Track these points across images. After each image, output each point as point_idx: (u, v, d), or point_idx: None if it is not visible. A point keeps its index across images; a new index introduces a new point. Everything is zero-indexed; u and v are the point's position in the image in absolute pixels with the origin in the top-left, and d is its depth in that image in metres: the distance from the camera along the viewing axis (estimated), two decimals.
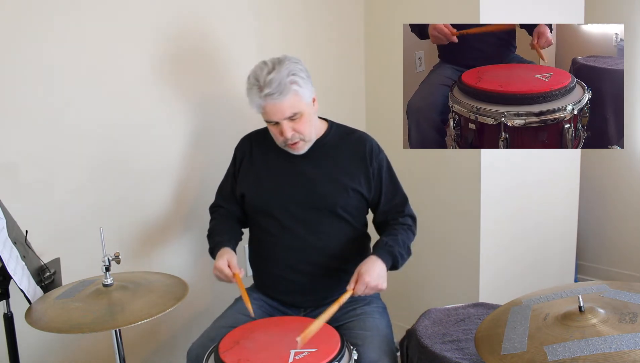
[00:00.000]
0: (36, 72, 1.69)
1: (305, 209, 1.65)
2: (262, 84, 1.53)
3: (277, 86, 1.52)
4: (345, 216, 1.66)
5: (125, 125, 1.89)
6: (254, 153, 1.76)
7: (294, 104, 1.55)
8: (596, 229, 3.16)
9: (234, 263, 1.57)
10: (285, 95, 1.53)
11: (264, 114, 1.60)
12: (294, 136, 1.60)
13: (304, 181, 1.66)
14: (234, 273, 1.54)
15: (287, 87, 1.53)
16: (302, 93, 1.56)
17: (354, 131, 1.76)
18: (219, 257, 1.59)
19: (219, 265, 1.55)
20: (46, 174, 1.74)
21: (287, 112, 1.55)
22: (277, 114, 1.56)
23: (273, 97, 1.52)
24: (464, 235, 2.32)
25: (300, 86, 1.55)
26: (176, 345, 2.09)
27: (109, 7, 1.81)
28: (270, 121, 1.61)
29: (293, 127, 1.59)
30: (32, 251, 1.54)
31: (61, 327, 1.23)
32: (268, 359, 1.29)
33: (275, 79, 1.52)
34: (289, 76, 1.53)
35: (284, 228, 1.66)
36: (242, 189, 1.74)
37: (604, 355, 0.96)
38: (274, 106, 1.54)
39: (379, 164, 1.70)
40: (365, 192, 1.68)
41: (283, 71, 1.53)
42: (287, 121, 1.57)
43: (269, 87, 1.52)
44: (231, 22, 2.12)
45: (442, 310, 1.66)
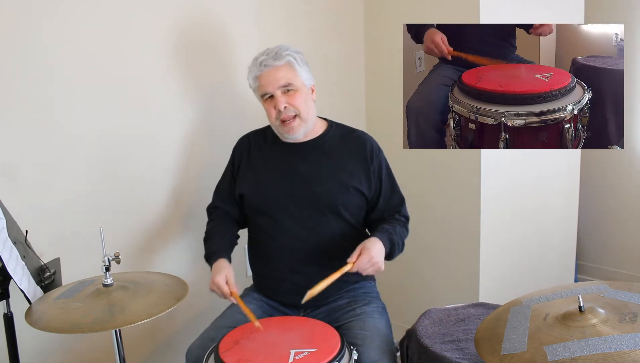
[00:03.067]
0: (36, 72, 1.69)
1: (305, 209, 1.64)
2: (259, 58, 1.62)
3: (273, 54, 1.62)
4: (346, 214, 1.66)
5: (125, 125, 1.89)
6: (253, 153, 1.76)
7: (288, 75, 1.61)
8: (596, 229, 3.16)
9: (232, 281, 1.55)
10: (279, 60, 1.60)
11: (259, 88, 1.64)
12: (288, 109, 1.61)
13: (304, 180, 1.66)
14: (232, 291, 1.53)
15: (282, 56, 1.61)
16: (297, 69, 1.63)
17: (354, 130, 1.76)
18: (217, 272, 1.56)
19: (218, 281, 1.53)
20: (46, 175, 1.74)
21: (281, 80, 1.60)
22: (271, 83, 1.60)
23: (267, 62, 1.60)
24: (464, 235, 2.32)
25: (296, 62, 1.63)
26: (176, 345, 2.09)
27: (109, 8, 1.81)
28: (265, 95, 1.63)
29: (287, 100, 1.61)
30: (32, 251, 1.54)
31: (61, 327, 1.23)
32: (268, 359, 1.29)
33: (272, 50, 1.63)
34: (285, 50, 1.63)
35: (284, 229, 1.65)
36: (241, 189, 1.74)
37: (604, 355, 0.96)
38: (268, 73, 1.60)
39: (379, 164, 1.71)
40: (366, 190, 1.68)
41: (281, 47, 1.63)
42: (280, 93, 1.61)
43: (265, 55, 1.62)
44: (231, 23, 2.12)
45: (442, 310, 1.66)
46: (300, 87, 1.63)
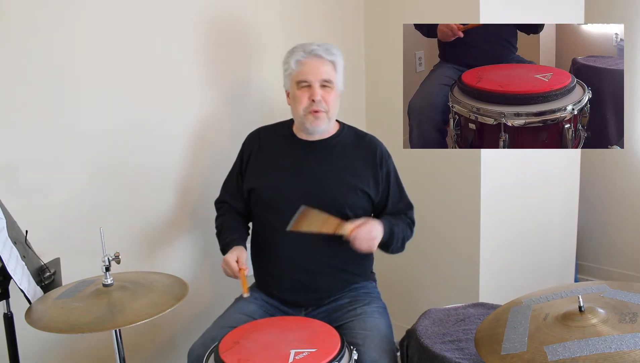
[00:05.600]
0: (36, 72, 1.69)
1: (313, 207, 1.64)
2: (309, 46, 1.66)
3: (325, 48, 1.66)
4: (351, 215, 1.66)
5: (125, 124, 1.89)
6: (263, 148, 1.77)
7: (331, 72, 1.66)
8: (596, 229, 3.16)
9: (243, 259, 1.60)
10: (329, 55, 1.65)
11: (299, 73, 1.65)
12: (321, 103, 1.64)
13: (313, 179, 1.68)
14: (240, 268, 1.56)
15: (333, 53, 1.66)
16: (338, 71, 1.68)
17: (364, 134, 1.79)
18: (230, 252, 1.62)
19: (227, 258, 1.59)
20: (46, 175, 1.74)
21: (324, 74, 1.64)
22: (314, 72, 1.64)
23: (318, 52, 1.64)
24: (464, 235, 2.32)
25: (339, 65, 1.68)
26: (176, 345, 2.09)
27: (108, 8, 1.81)
28: (302, 81, 1.65)
29: (323, 95, 1.65)
30: (32, 251, 1.54)
31: (61, 327, 1.24)
32: (268, 359, 1.29)
33: (324, 44, 1.67)
34: (336, 49, 1.68)
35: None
36: (250, 184, 1.74)
37: (604, 355, 0.96)
38: (315, 63, 1.64)
39: (387, 170, 1.74)
40: (373, 195, 1.70)
41: (332, 46, 1.68)
42: (319, 86, 1.64)
43: (317, 45, 1.66)
44: (231, 22, 2.12)
45: (442, 310, 1.66)
46: (335, 87, 1.68)
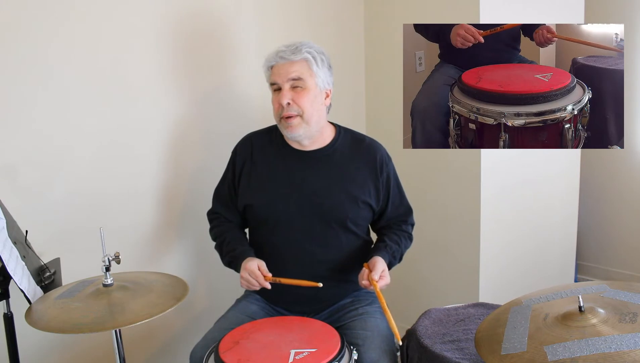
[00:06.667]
0: (36, 72, 1.69)
1: (313, 222, 1.61)
2: (280, 48, 1.61)
3: (293, 48, 1.59)
4: (353, 227, 1.65)
5: (125, 125, 1.89)
6: (256, 158, 1.70)
7: (301, 70, 1.58)
8: (596, 229, 3.16)
9: (264, 267, 1.55)
10: (296, 55, 1.58)
11: (270, 76, 1.62)
12: (291, 108, 1.58)
13: (313, 193, 1.62)
14: (266, 276, 1.53)
15: (301, 51, 1.58)
16: (314, 69, 1.59)
17: (363, 138, 1.73)
18: (249, 261, 1.56)
19: (250, 267, 1.53)
20: (46, 175, 1.74)
21: (291, 73, 1.57)
22: (281, 74, 1.58)
23: (284, 55, 1.58)
24: (464, 235, 2.32)
25: (314, 61, 1.59)
26: (176, 345, 2.09)
27: (108, 7, 1.81)
28: (273, 84, 1.61)
29: (293, 97, 1.58)
30: (32, 251, 1.54)
31: (61, 327, 1.23)
32: (268, 359, 1.29)
33: (293, 44, 1.60)
34: (307, 47, 1.60)
35: (290, 241, 1.62)
36: (245, 200, 1.68)
37: (604, 355, 0.97)
38: (282, 65, 1.58)
39: (388, 175, 1.70)
40: (374, 203, 1.67)
41: (303, 44, 1.61)
42: (288, 87, 1.58)
43: (285, 47, 1.60)
44: (231, 22, 2.12)
45: (442, 310, 1.66)
46: (310, 87, 1.59)
